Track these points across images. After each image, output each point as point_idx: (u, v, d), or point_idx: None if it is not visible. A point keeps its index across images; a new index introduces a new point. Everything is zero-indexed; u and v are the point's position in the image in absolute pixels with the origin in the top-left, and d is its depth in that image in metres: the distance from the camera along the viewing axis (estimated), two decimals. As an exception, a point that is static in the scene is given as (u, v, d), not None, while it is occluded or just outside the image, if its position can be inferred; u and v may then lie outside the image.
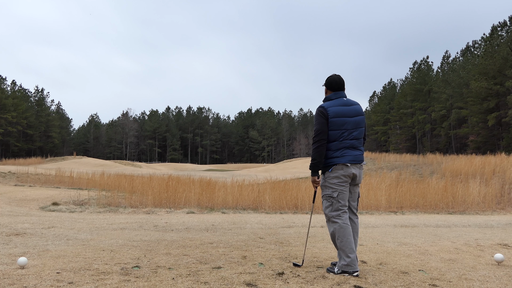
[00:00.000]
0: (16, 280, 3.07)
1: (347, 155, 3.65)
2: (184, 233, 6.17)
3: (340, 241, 3.52)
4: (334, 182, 3.62)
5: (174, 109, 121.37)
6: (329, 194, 3.63)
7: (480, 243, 5.45)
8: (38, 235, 5.45)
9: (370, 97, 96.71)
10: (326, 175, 3.66)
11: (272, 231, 6.49)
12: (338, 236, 3.53)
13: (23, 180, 18.83)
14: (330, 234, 3.68)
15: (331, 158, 3.65)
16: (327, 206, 3.63)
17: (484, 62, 44.62)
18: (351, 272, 3.45)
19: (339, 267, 3.50)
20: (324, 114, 3.63)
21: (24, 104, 74.21)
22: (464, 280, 3.34)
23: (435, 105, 58.96)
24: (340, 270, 3.48)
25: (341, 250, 3.51)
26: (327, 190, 3.65)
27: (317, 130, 3.63)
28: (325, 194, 3.66)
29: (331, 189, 3.63)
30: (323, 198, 3.70)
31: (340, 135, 3.64)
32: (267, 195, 11.20)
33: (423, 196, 11.76)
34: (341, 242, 3.51)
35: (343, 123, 3.64)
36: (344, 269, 3.47)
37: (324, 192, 3.68)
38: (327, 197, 3.64)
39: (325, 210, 3.66)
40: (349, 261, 3.46)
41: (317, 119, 3.66)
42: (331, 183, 3.63)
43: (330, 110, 3.64)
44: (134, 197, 11.46)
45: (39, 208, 10.37)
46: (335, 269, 3.55)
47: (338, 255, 3.56)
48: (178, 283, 3.11)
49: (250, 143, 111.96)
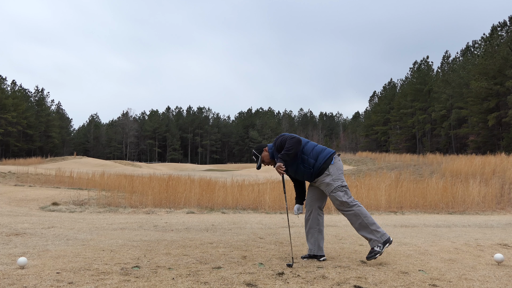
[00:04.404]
0: (16, 280, 3.06)
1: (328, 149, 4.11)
2: (184, 233, 6.17)
3: (367, 218, 3.81)
4: (339, 173, 3.95)
5: (174, 109, 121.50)
6: (341, 184, 3.90)
7: (480, 243, 5.45)
8: (38, 235, 5.45)
9: (370, 97, 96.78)
10: (330, 168, 3.91)
11: (272, 231, 6.49)
12: (365, 215, 3.82)
13: (23, 180, 18.83)
14: (354, 217, 3.86)
15: (322, 152, 4.01)
16: (343, 195, 3.87)
17: (484, 62, 44.63)
18: (390, 239, 3.78)
19: (379, 241, 3.74)
20: (283, 135, 4.09)
21: (24, 104, 74.21)
22: (464, 280, 3.34)
23: (435, 105, 58.98)
24: (381, 243, 3.73)
25: (371, 224, 3.78)
26: (337, 182, 3.90)
27: (290, 135, 4.00)
28: (338, 185, 3.89)
29: (340, 180, 3.91)
30: (335, 191, 3.88)
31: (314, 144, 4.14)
32: (267, 195, 11.20)
33: (423, 196, 11.75)
34: (368, 218, 3.81)
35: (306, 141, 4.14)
36: (384, 239, 3.75)
37: (335, 184, 3.89)
38: (340, 187, 3.89)
39: (343, 199, 3.86)
40: (382, 231, 3.79)
41: (281, 137, 4.04)
42: (338, 174, 3.93)
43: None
44: (134, 197, 11.46)
45: (39, 208, 10.37)
46: (375, 249, 3.73)
47: (370, 232, 3.78)
48: (178, 283, 3.11)
49: (250, 143, 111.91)
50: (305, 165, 3.98)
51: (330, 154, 3.98)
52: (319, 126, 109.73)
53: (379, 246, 3.73)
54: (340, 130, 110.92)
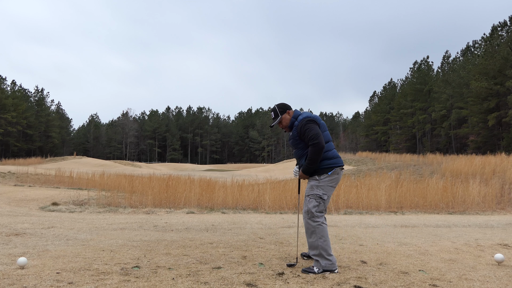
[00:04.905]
0: (16, 280, 3.06)
1: (340, 157, 3.82)
2: (184, 233, 6.16)
3: (323, 240, 3.59)
4: (329, 185, 3.69)
5: (174, 109, 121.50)
6: (320, 195, 3.67)
7: (480, 243, 5.44)
8: (38, 235, 5.45)
9: (370, 97, 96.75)
10: (322, 176, 3.68)
11: (272, 231, 6.48)
12: (321, 235, 3.60)
13: (23, 180, 18.82)
14: (307, 230, 3.69)
15: (330, 159, 3.73)
16: (314, 206, 3.66)
17: (484, 62, 44.63)
18: (333, 270, 3.53)
19: (321, 266, 3.54)
20: (313, 121, 3.74)
21: (24, 104, 74.20)
22: (464, 280, 3.34)
23: (435, 105, 58.98)
24: (321, 270, 3.52)
25: (323, 249, 3.56)
26: (318, 191, 3.68)
27: (316, 134, 3.63)
28: (315, 194, 3.67)
29: (322, 191, 3.68)
30: (310, 196, 3.69)
31: (329, 136, 3.81)
32: (267, 195, 11.19)
33: (423, 196, 11.75)
34: (324, 241, 3.59)
35: (325, 126, 3.83)
36: (327, 268, 3.53)
37: (314, 192, 3.68)
38: (317, 197, 3.67)
39: (311, 208, 3.66)
40: (332, 259, 3.57)
41: (309, 126, 3.68)
42: (325, 185, 3.68)
43: (313, 116, 3.78)
44: (134, 197, 11.45)
45: (38, 208, 10.37)
46: (314, 269, 3.53)
47: (317, 255, 3.58)
48: (178, 283, 3.11)
49: (250, 143, 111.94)
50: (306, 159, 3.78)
51: (332, 165, 3.71)
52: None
53: (318, 269, 3.51)
54: (340, 130, 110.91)
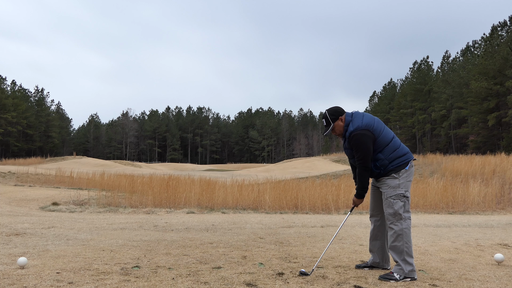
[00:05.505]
0: (16, 280, 3.06)
1: (409, 151, 3.63)
2: (184, 233, 6.16)
3: (408, 243, 3.39)
4: (408, 181, 3.51)
5: (174, 109, 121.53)
6: (403, 194, 3.47)
7: (480, 243, 5.44)
8: (38, 235, 5.45)
9: (370, 97, 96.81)
10: (401, 172, 3.48)
11: (272, 231, 6.48)
12: (408, 239, 3.40)
13: (23, 180, 18.82)
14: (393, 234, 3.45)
15: (403, 155, 3.54)
16: (401, 206, 3.44)
17: (484, 62, 44.66)
18: (414, 277, 3.35)
19: (403, 273, 3.33)
20: (364, 135, 3.47)
21: (24, 104, 74.26)
22: (464, 280, 3.34)
23: (435, 105, 59.01)
24: (403, 276, 3.31)
25: (407, 254, 3.36)
26: (400, 190, 3.47)
27: (363, 155, 3.47)
28: (399, 193, 3.46)
29: (404, 188, 3.48)
30: (393, 198, 3.46)
31: (390, 133, 3.61)
32: (267, 195, 11.19)
33: (423, 196, 11.75)
34: (408, 245, 3.39)
35: (380, 125, 3.58)
36: (409, 275, 3.33)
37: (396, 192, 3.47)
38: (401, 196, 3.46)
39: (398, 210, 3.44)
40: (414, 265, 3.38)
41: (359, 143, 3.47)
42: (405, 182, 3.49)
43: (364, 124, 3.52)
44: (134, 197, 11.46)
45: (39, 208, 10.37)
46: (395, 275, 3.32)
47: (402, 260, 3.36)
48: (178, 283, 3.11)
49: (250, 143, 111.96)
50: (376, 165, 3.53)
51: (407, 160, 3.52)
52: (319, 126, 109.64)
53: (399, 276, 3.32)
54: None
